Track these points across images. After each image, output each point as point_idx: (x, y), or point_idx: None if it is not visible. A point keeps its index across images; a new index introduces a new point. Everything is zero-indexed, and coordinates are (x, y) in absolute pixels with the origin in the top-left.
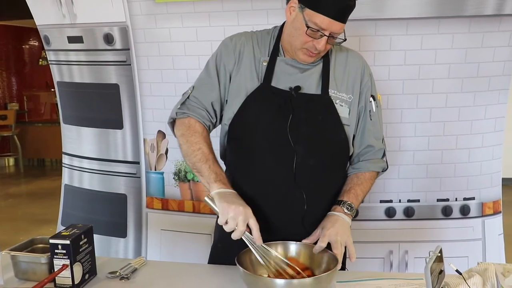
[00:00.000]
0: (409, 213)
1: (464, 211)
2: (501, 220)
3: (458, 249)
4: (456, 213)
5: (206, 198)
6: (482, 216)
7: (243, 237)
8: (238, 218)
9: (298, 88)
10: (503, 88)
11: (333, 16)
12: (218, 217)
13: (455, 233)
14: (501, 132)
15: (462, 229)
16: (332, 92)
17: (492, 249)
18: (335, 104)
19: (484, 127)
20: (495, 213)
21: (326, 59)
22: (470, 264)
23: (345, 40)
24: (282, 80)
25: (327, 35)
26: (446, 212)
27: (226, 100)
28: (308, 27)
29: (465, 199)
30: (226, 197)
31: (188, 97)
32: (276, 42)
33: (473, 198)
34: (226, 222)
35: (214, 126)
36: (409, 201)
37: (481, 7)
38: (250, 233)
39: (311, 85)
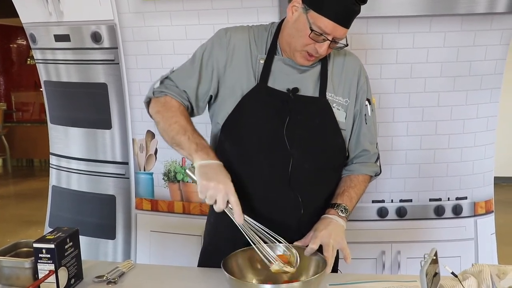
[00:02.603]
0: (401, 213)
1: (457, 211)
2: (493, 219)
3: (450, 249)
4: (448, 212)
5: (187, 170)
6: (475, 215)
7: (225, 211)
8: (216, 196)
9: (296, 90)
10: (495, 87)
11: (338, 20)
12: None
13: (448, 233)
14: (493, 131)
15: (455, 229)
16: (329, 95)
17: (484, 249)
18: (332, 108)
19: (476, 126)
20: (488, 212)
21: (324, 61)
22: (463, 264)
23: (346, 45)
24: (280, 81)
25: (330, 39)
26: (439, 212)
27: (211, 96)
28: (312, 30)
29: (457, 198)
30: (206, 172)
31: (166, 77)
32: (273, 39)
33: (466, 198)
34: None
35: (192, 113)
36: (401, 201)
37: (473, 5)
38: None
39: (308, 87)
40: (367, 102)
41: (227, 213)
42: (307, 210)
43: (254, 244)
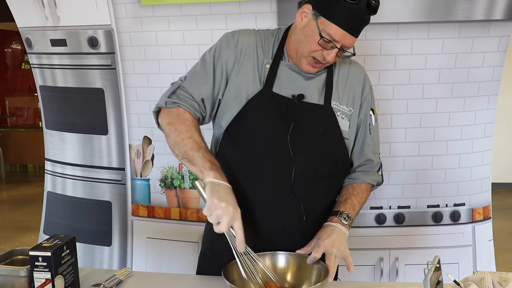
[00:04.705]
0: (399, 219)
1: (455, 217)
2: (491, 226)
3: (448, 255)
4: (446, 219)
5: (197, 183)
6: (473, 222)
7: (226, 234)
8: (223, 217)
9: (301, 96)
10: (492, 93)
11: (347, 29)
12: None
13: (446, 239)
14: (490, 138)
15: (453, 235)
16: (334, 104)
17: (482, 255)
18: (337, 117)
19: (474, 133)
20: (485, 219)
21: (330, 69)
22: (461, 270)
23: (354, 54)
24: (285, 86)
25: (338, 47)
26: (437, 219)
27: (219, 100)
28: (321, 36)
29: (455, 205)
30: (218, 192)
31: (178, 87)
32: (280, 45)
33: (463, 204)
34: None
35: (204, 121)
36: (399, 207)
37: (471, 12)
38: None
39: (313, 94)
40: (371, 112)
41: (226, 237)
42: (309, 217)
43: (247, 274)
